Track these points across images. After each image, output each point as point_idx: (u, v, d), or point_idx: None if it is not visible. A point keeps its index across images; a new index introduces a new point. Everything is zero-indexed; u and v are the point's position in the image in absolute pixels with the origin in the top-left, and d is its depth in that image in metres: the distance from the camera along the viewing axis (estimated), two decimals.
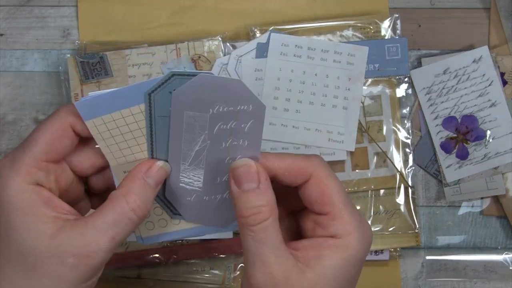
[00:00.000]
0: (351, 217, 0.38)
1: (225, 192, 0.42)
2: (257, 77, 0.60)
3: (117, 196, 0.38)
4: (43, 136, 0.39)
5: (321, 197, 0.38)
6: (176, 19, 0.62)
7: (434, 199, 0.63)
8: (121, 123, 0.40)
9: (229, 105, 0.38)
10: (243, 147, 0.39)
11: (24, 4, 0.62)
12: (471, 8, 0.63)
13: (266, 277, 0.36)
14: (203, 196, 0.42)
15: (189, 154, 0.40)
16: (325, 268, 0.36)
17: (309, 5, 0.63)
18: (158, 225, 0.44)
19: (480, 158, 0.61)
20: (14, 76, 0.62)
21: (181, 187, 0.42)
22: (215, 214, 0.43)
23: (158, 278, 0.60)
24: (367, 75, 0.60)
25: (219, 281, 0.61)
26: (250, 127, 0.39)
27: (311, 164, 0.39)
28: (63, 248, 0.37)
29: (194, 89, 0.38)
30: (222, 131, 0.39)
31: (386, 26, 0.61)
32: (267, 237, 0.36)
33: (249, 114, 0.38)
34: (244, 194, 0.37)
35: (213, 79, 0.38)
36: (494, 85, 0.61)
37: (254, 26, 0.61)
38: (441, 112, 0.62)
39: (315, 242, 0.38)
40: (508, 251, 0.62)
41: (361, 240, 0.38)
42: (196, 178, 0.41)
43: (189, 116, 0.39)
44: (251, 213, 0.36)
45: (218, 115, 0.39)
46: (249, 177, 0.37)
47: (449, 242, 0.63)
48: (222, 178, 0.41)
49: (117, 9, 0.62)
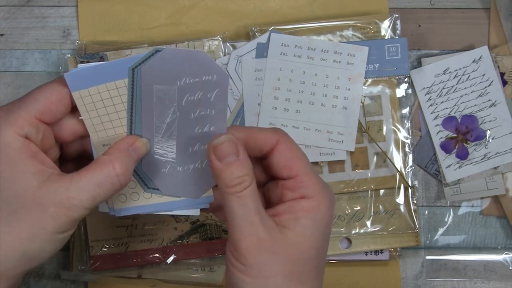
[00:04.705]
0: (317, 179, 0.42)
1: (197, 162, 0.44)
2: (257, 77, 0.60)
3: (105, 160, 0.41)
4: (43, 96, 0.42)
5: (289, 160, 0.41)
6: (176, 19, 0.62)
7: (434, 199, 0.63)
8: (106, 96, 0.43)
9: (194, 77, 0.41)
10: (211, 116, 0.42)
11: (24, 4, 0.62)
12: (471, 8, 0.63)
13: (252, 237, 0.39)
14: (177, 167, 0.44)
15: (161, 126, 0.43)
16: (303, 227, 0.40)
17: (309, 5, 0.63)
18: (130, 198, 0.46)
19: (480, 158, 0.61)
20: (14, 76, 0.62)
21: (156, 159, 0.44)
22: (189, 185, 0.45)
23: (158, 278, 0.60)
24: (367, 75, 0.60)
25: (219, 281, 0.61)
26: (216, 96, 0.41)
27: (277, 133, 0.42)
28: (46, 198, 0.39)
29: (161, 62, 0.41)
30: (190, 102, 0.42)
31: (386, 26, 0.61)
32: (251, 201, 0.39)
33: (214, 84, 0.41)
34: (227, 167, 0.39)
35: (178, 51, 0.40)
36: (494, 85, 0.61)
37: (254, 26, 0.61)
38: (441, 112, 0.62)
39: (288, 205, 0.41)
40: (508, 251, 0.62)
41: (328, 199, 0.41)
42: (170, 149, 0.44)
43: (159, 90, 0.42)
44: (236, 183, 0.39)
45: (185, 87, 0.41)
46: (230, 150, 0.40)
47: (449, 242, 0.63)
48: (194, 148, 0.43)
49: (117, 9, 0.62)
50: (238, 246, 0.39)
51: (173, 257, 0.59)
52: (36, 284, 0.61)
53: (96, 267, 0.59)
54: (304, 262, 0.40)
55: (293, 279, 0.39)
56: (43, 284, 0.61)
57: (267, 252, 0.39)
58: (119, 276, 0.60)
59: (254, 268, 0.39)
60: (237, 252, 0.39)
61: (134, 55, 0.42)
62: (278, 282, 0.38)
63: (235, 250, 0.39)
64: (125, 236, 0.59)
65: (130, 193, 0.46)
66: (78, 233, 0.59)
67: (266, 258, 0.39)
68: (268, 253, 0.39)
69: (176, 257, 0.59)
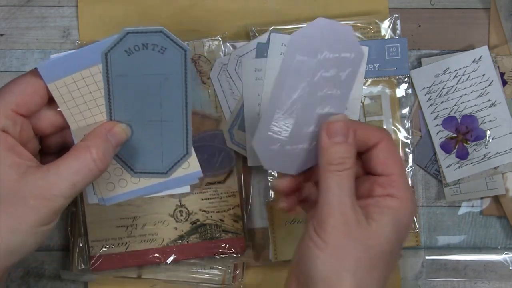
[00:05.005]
0: (407, 183, 0.43)
1: (306, 143, 0.43)
2: (257, 77, 0.60)
3: (81, 146, 0.41)
4: (18, 88, 0.42)
5: (387, 159, 0.43)
6: (176, 19, 0.62)
7: (434, 199, 0.63)
8: (81, 84, 0.42)
9: (335, 52, 0.39)
10: (335, 97, 0.41)
11: (24, 4, 0.62)
12: (471, 8, 0.63)
13: (342, 216, 0.39)
14: (286, 145, 0.43)
15: (286, 102, 0.41)
16: (385, 222, 0.41)
17: (309, 5, 0.63)
18: (118, 185, 0.46)
19: (480, 158, 0.61)
20: (14, 76, 0.61)
21: (268, 136, 0.42)
22: (290, 162, 0.44)
23: (158, 278, 0.60)
24: (367, 75, 0.60)
25: (219, 281, 0.61)
26: (347, 75, 0.40)
27: (382, 132, 0.44)
28: (25, 190, 0.39)
29: (311, 31, 0.38)
30: (322, 79, 0.40)
31: (386, 26, 0.61)
32: (348, 183, 0.40)
33: (349, 61, 0.39)
34: (335, 145, 0.41)
35: (329, 22, 0.38)
36: (494, 85, 0.61)
37: (254, 26, 0.61)
38: (441, 112, 0.62)
39: (376, 200, 0.42)
40: (508, 251, 0.62)
41: (412, 205, 0.42)
42: (285, 128, 0.42)
43: (299, 61, 0.39)
44: (338, 162, 0.40)
45: (323, 61, 0.39)
46: (342, 131, 0.41)
47: (449, 242, 0.63)
48: (308, 129, 0.42)
49: (117, 9, 0.62)
50: (324, 222, 0.40)
51: (173, 257, 0.59)
52: (36, 284, 0.61)
53: (96, 267, 0.59)
54: (378, 255, 0.40)
55: (364, 268, 0.40)
56: (43, 284, 0.61)
57: (350, 235, 0.39)
58: (119, 276, 0.60)
59: (333, 247, 0.39)
60: (321, 228, 0.40)
61: (105, 39, 0.41)
62: (351, 266, 0.39)
63: (319, 226, 0.40)
64: (125, 236, 0.59)
65: (118, 180, 0.46)
66: (78, 233, 0.59)
67: (347, 240, 0.39)
68: (350, 236, 0.39)
69: (176, 257, 0.59)
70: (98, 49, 0.41)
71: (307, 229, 0.41)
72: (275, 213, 0.60)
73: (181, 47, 0.41)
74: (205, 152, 0.59)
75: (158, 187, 0.46)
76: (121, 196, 0.46)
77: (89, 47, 0.41)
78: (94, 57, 0.41)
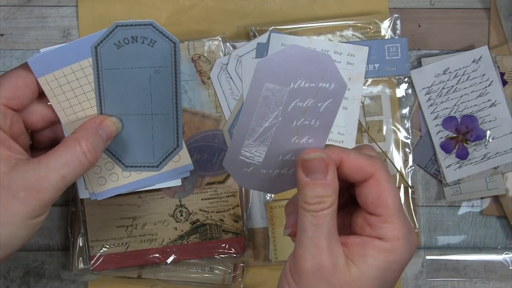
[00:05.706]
0: (402, 224, 0.39)
1: (284, 169, 0.41)
2: None
3: (71, 139, 0.41)
4: (9, 82, 0.42)
5: (377, 199, 0.39)
6: (176, 19, 0.62)
7: (434, 199, 0.63)
8: (72, 78, 0.43)
9: (311, 81, 0.37)
10: (313, 128, 0.38)
11: (24, 4, 0.62)
12: (471, 8, 0.63)
13: (315, 260, 0.37)
14: (261, 169, 0.41)
15: (257, 129, 0.39)
16: (368, 266, 0.38)
17: (309, 5, 0.63)
18: (109, 179, 0.46)
19: (480, 158, 0.61)
20: None
21: (240, 160, 0.40)
22: (268, 183, 0.42)
23: (158, 278, 0.60)
24: (367, 75, 0.60)
25: (219, 281, 0.61)
26: (327, 107, 0.38)
27: (374, 164, 0.39)
28: (15, 182, 0.39)
29: (281, 58, 0.36)
30: (297, 109, 0.38)
31: (386, 26, 0.61)
32: (325, 223, 0.37)
33: (329, 92, 0.37)
34: (312, 183, 0.38)
35: (303, 50, 0.36)
36: (494, 85, 0.61)
37: (254, 26, 0.61)
38: (441, 112, 0.62)
39: (362, 240, 0.39)
40: (508, 251, 0.62)
41: (406, 248, 0.39)
42: (257, 154, 0.40)
43: (268, 89, 0.37)
44: (315, 201, 0.37)
45: (297, 90, 0.37)
46: (320, 168, 0.38)
47: (449, 242, 0.63)
48: (285, 157, 0.40)
49: (117, 9, 0.62)
50: (298, 265, 0.38)
51: (173, 257, 0.59)
52: (36, 284, 0.61)
53: (96, 267, 0.59)
54: None
55: None
56: (43, 284, 0.61)
57: (324, 281, 0.37)
58: (119, 276, 0.60)
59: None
60: (295, 270, 0.38)
61: (95, 33, 0.41)
62: None
63: (294, 267, 0.38)
64: (125, 236, 0.59)
65: (109, 175, 0.46)
66: (78, 233, 0.59)
67: (320, 287, 0.37)
68: (324, 283, 0.37)
69: (176, 257, 0.59)
70: (88, 42, 0.41)
71: (285, 266, 0.39)
72: (275, 213, 0.60)
73: (171, 40, 0.42)
74: (205, 152, 0.59)
75: (149, 180, 0.46)
76: (112, 191, 0.46)
77: (79, 40, 0.41)
78: (84, 51, 0.42)
